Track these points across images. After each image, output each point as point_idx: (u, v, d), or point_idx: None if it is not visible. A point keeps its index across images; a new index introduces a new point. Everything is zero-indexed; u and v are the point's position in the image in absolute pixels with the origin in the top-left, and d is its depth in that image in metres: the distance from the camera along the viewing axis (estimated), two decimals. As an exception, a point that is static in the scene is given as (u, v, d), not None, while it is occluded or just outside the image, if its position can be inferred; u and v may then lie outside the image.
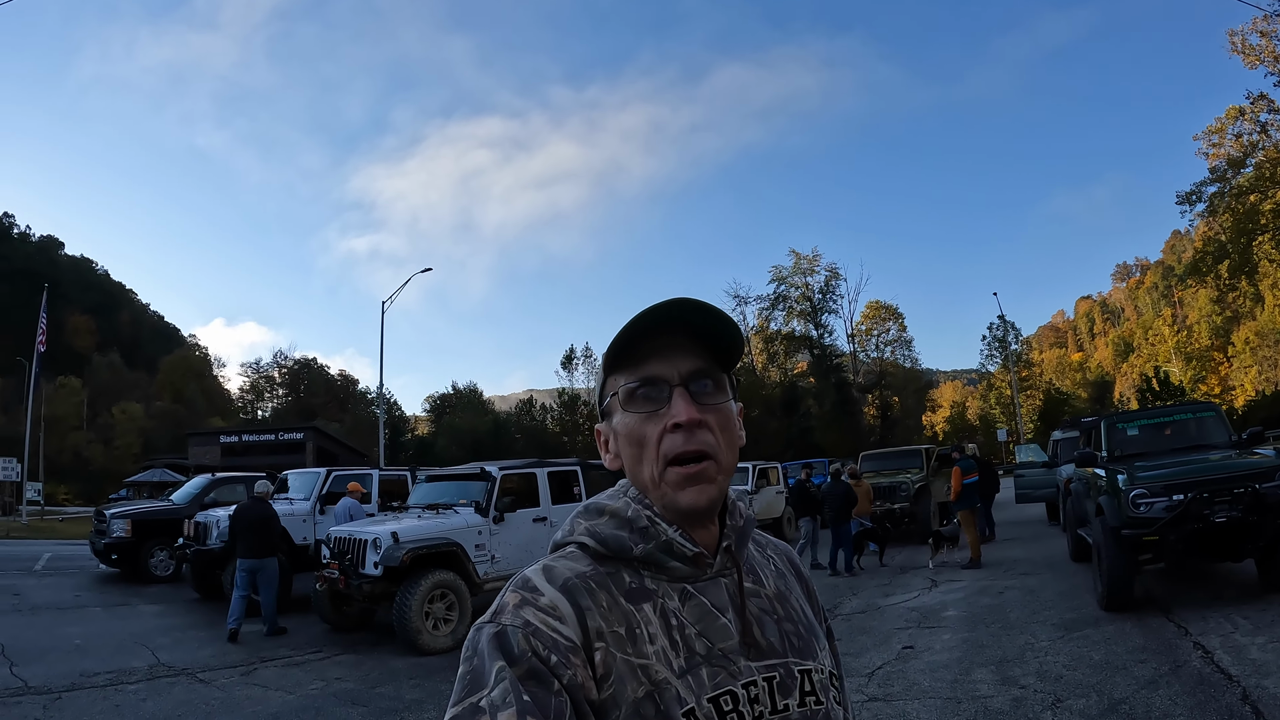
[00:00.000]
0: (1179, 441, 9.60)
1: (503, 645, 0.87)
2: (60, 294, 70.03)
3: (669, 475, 0.98)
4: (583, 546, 1.02)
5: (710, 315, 1.00)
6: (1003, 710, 5.34)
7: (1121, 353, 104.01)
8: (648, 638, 0.93)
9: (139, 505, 17.19)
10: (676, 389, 0.99)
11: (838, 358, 62.01)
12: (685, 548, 0.98)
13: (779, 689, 0.97)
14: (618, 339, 0.98)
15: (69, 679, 7.55)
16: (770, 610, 1.05)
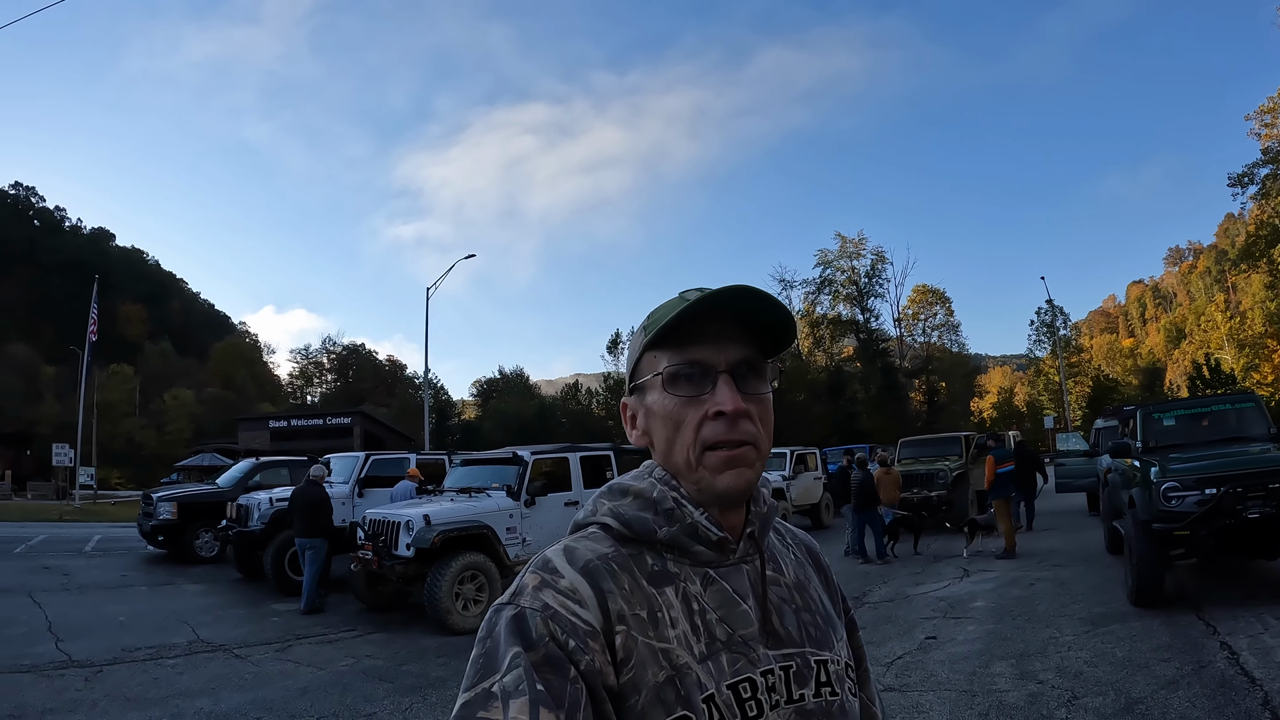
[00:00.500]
0: (1217, 433, 9.43)
1: (520, 629, 0.86)
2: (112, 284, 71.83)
3: (708, 459, 0.97)
4: (605, 527, 1.00)
5: (768, 305, 0.99)
6: (1017, 705, 5.31)
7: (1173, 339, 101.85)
8: (669, 622, 0.92)
9: (185, 488, 17.75)
10: (722, 376, 0.97)
11: (884, 342, 61.48)
12: (710, 531, 0.97)
13: (795, 678, 0.97)
14: (669, 317, 0.97)
15: (111, 654, 7.85)
16: (789, 599, 1.04)
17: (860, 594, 10.14)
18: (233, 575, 13.24)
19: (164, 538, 15.02)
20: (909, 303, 66.16)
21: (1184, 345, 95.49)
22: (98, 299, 33.28)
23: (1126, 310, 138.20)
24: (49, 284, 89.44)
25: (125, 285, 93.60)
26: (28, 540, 18.53)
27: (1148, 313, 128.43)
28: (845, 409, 55.70)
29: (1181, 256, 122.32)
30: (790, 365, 60.80)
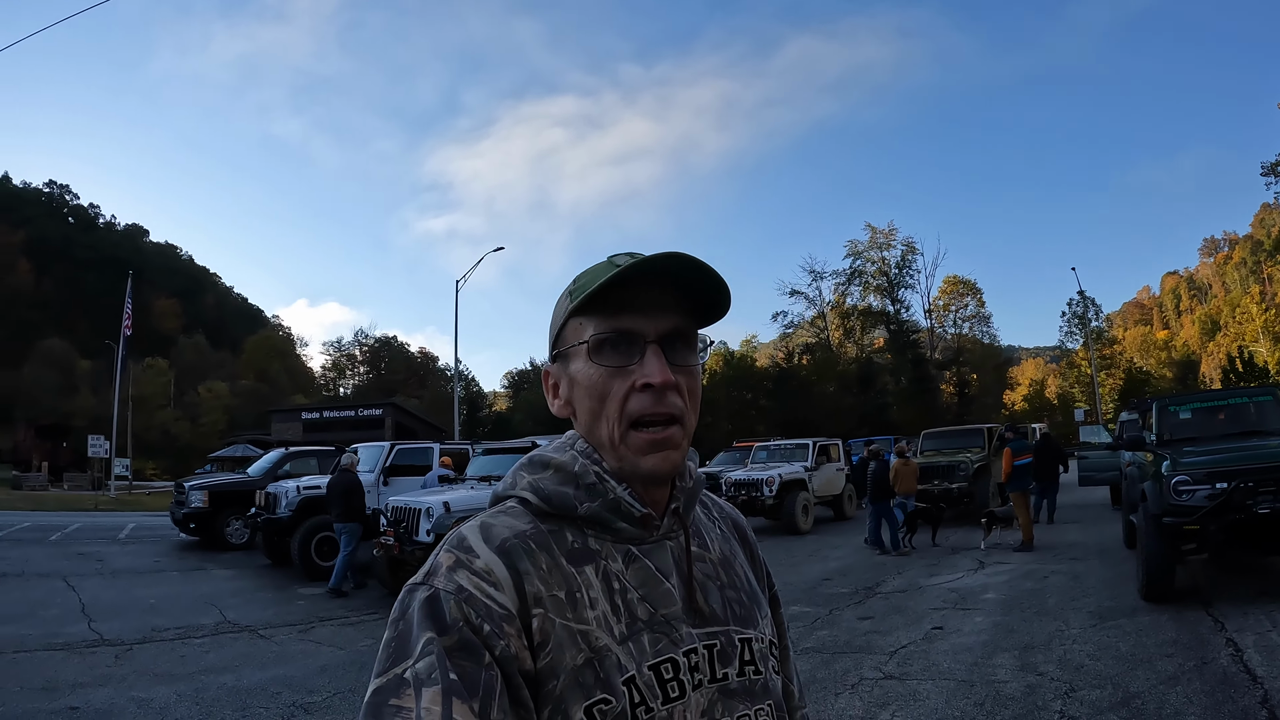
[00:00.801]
0: (1233, 426, 9.33)
1: (433, 612, 0.83)
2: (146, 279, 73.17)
3: (632, 439, 0.93)
4: (525, 502, 0.96)
5: (701, 273, 0.94)
6: (1014, 696, 5.36)
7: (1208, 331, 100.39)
8: (588, 602, 0.89)
9: (216, 478, 18.21)
10: (651, 346, 0.93)
11: (914, 333, 61.12)
12: (633, 508, 0.94)
13: (719, 657, 0.95)
14: (597, 282, 0.91)
15: (141, 633, 8.19)
16: (714, 576, 1.02)
17: (874, 584, 10.23)
18: (261, 561, 13.67)
19: (195, 525, 15.62)
20: (940, 294, 65.75)
21: (1219, 338, 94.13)
22: (132, 294, 34.03)
23: (1161, 302, 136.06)
24: (84, 280, 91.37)
25: (159, 280, 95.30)
26: (63, 528, 19.12)
27: (1182, 304, 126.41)
28: (875, 400, 55.42)
29: (1217, 247, 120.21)
30: (820, 356, 60.85)
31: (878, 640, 7.20)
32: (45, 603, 9.70)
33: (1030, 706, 5.13)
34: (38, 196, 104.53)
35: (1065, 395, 68.74)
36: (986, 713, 5.06)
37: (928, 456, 18.45)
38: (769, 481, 17.26)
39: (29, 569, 12.39)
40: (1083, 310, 61.76)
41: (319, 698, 6.01)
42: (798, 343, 64.16)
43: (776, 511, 17.18)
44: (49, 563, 13.20)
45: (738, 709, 0.95)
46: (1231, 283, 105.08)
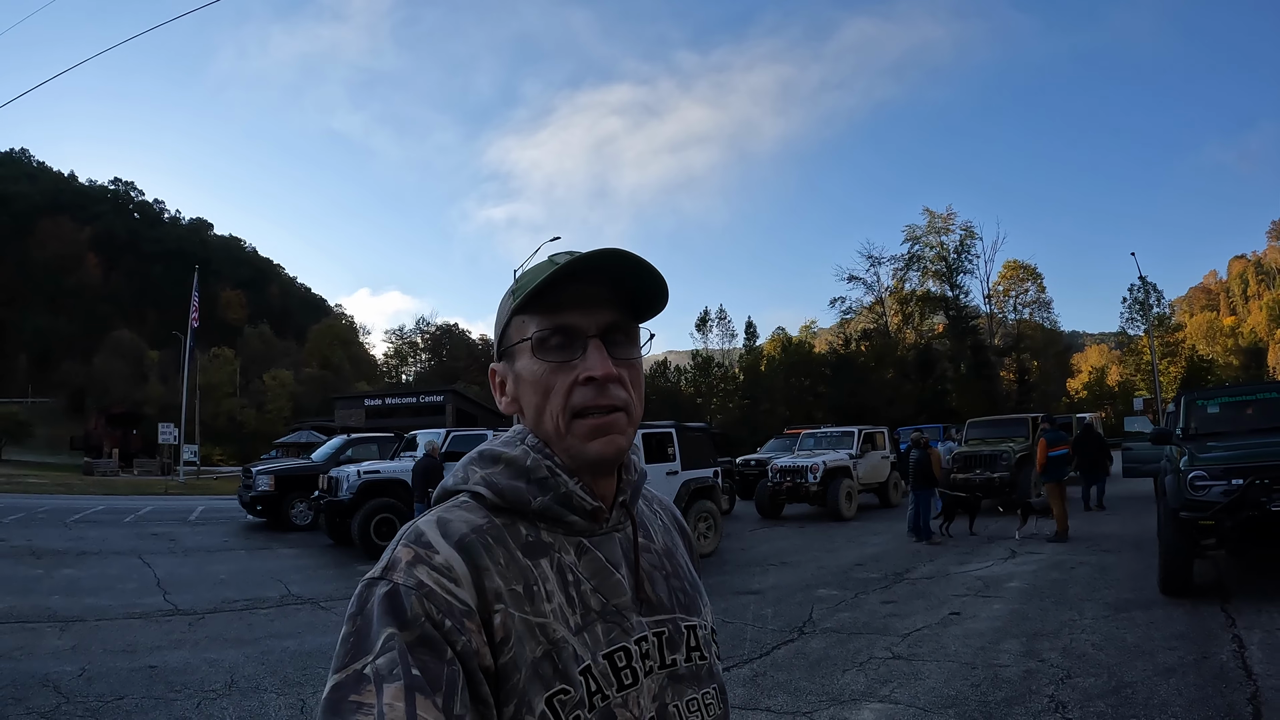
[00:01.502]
0: (1262, 421, 9.21)
1: (394, 607, 0.83)
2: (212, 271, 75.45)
3: (576, 426, 0.95)
4: (478, 496, 0.97)
5: (638, 269, 0.96)
6: (1010, 680, 5.56)
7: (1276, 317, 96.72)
8: (545, 595, 0.91)
9: (281, 463, 19.14)
10: (592, 341, 0.95)
11: (974, 319, 60.48)
12: (585, 501, 0.96)
13: (668, 644, 0.99)
14: (536, 281, 0.94)
15: (212, 604, 8.90)
16: (659, 566, 1.05)
17: (904, 570, 10.51)
18: (324, 541, 14.44)
19: (262, 507, 16.52)
20: (999, 279, 64.90)
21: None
22: (198, 287, 35.31)
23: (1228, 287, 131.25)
24: (151, 273, 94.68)
25: (225, 272, 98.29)
26: (136, 511, 20.22)
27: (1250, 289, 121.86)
28: (934, 387, 55.11)
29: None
30: (878, 342, 60.51)
31: (895, 623, 7.49)
32: (123, 577, 10.45)
33: (1023, 690, 5.34)
34: (104, 193, 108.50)
35: (1127, 383, 67.28)
36: (981, 693, 5.30)
37: (971, 445, 18.61)
38: (813, 469, 17.58)
39: (106, 548, 13.23)
40: (1144, 296, 60.35)
41: (371, 660, 6.60)
42: (856, 329, 63.87)
43: (821, 498, 17.49)
44: (125, 542, 14.07)
45: (686, 693, 0.99)
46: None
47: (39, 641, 7.08)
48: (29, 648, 6.85)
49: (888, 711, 5.08)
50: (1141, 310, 60.95)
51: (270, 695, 5.62)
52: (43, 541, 13.69)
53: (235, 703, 5.43)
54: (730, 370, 69.54)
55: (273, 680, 5.99)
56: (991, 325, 62.81)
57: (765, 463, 19.29)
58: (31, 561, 11.53)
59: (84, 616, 8.07)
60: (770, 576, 10.54)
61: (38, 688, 5.66)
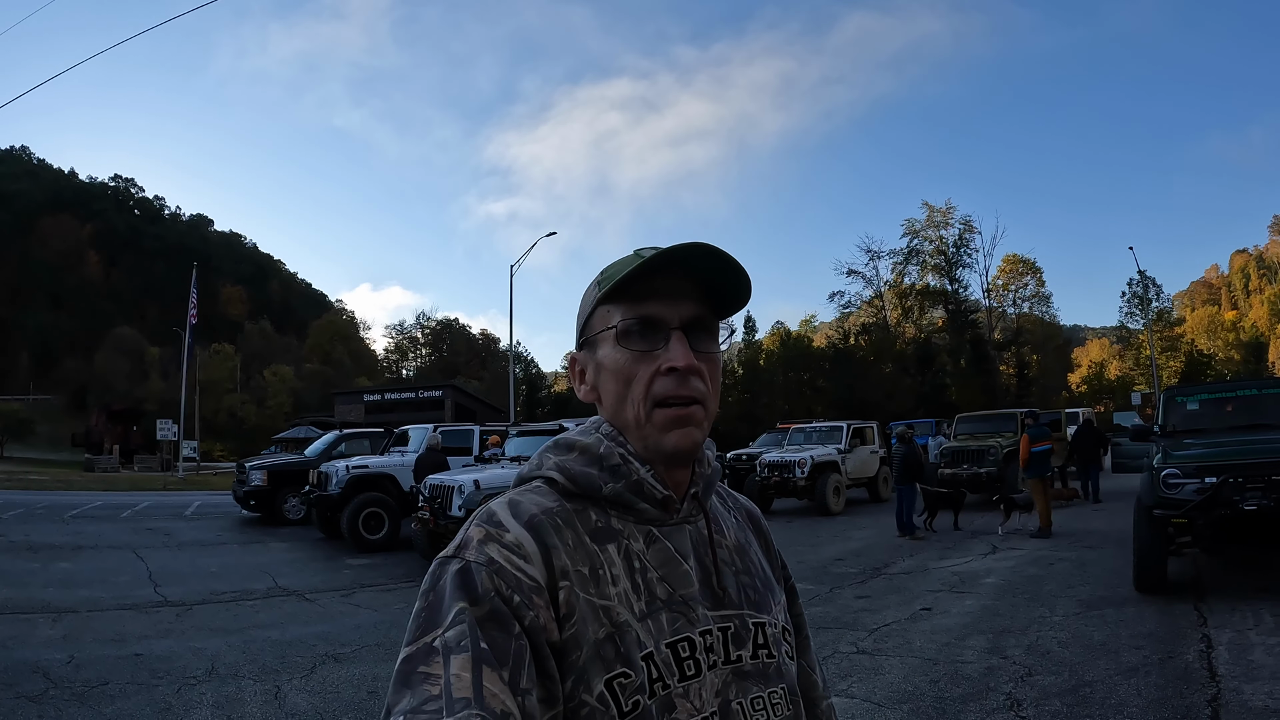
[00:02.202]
0: (1241, 419, 9.16)
1: (465, 582, 0.85)
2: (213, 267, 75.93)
3: (656, 416, 0.96)
4: (551, 481, 1.00)
5: (724, 265, 0.98)
6: (970, 676, 5.62)
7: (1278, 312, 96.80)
8: (610, 579, 0.92)
9: (274, 458, 19.38)
10: (675, 332, 0.97)
11: (973, 313, 60.30)
12: (655, 489, 0.97)
13: (733, 639, 0.99)
14: (625, 271, 0.96)
15: (200, 596, 9.17)
16: (730, 561, 1.05)
17: (883, 565, 10.63)
18: (315, 535, 14.65)
19: (255, 502, 16.73)
20: (999, 273, 64.75)
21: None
22: (197, 283, 35.50)
23: (1230, 281, 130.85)
24: (152, 269, 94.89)
25: (225, 268, 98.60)
26: (133, 506, 20.46)
27: (1251, 284, 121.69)
28: (933, 381, 55.03)
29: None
30: (878, 337, 60.54)
31: (866, 618, 7.58)
32: (117, 571, 10.71)
33: (982, 687, 5.38)
34: (104, 190, 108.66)
35: (1126, 378, 67.33)
36: (938, 690, 5.37)
37: (960, 440, 18.76)
38: (801, 463, 17.72)
39: (102, 542, 13.50)
40: (1143, 291, 60.36)
41: (349, 649, 6.84)
42: (855, 323, 63.86)
43: (809, 492, 17.65)
44: (120, 537, 14.32)
45: (752, 690, 0.98)
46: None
47: (32, 631, 7.34)
48: (22, 637, 7.10)
49: (842, 705, 5.14)
50: (1140, 305, 60.93)
51: (247, 682, 5.87)
52: (40, 536, 13.93)
53: (214, 689, 5.69)
54: (729, 365, 69.73)
55: (251, 668, 6.23)
56: (991, 319, 62.65)
57: (756, 457, 19.44)
58: (28, 556, 11.77)
59: (76, 608, 8.35)
60: (750, 571, 10.62)
61: (28, 674, 5.91)
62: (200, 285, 36.61)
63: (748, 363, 66.98)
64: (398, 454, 14.73)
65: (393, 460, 14.44)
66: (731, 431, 48.80)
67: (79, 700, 5.38)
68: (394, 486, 13.73)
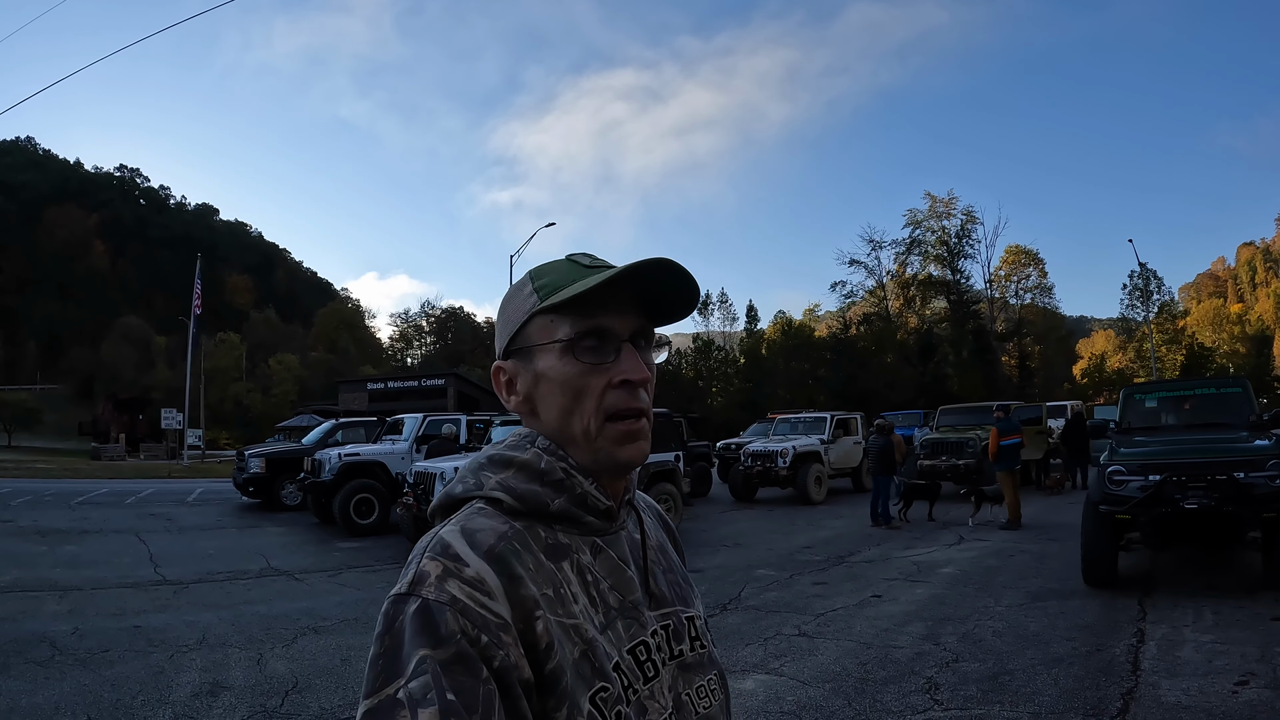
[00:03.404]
0: (1196, 417, 9.45)
1: (426, 624, 0.80)
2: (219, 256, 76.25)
3: (609, 430, 0.95)
4: (495, 502, 0.96)
5: (679, 280, 0.97)
6: (899, 661, 5.85)
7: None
8: (572, 597, 0.91)
9: (272, 446, 19.95)
10: (626, 345, 0.96)
11: (975, 304, 60.55)
12: (599, 500, 0.97)
13: (673, 635, 1.01)
14: (585, 285, 0.93)
15: (197, 576, 9.75)
16: (658, 561, 1.07)
17: (848, 553, 10.97)
18: (311, 520, 15.19)
19: (254, 489, 17.34)
20: (1001, 263, 64.89)
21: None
22: (201, 273, 35.93)
23: (1236, 274, 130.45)
24: (159, 258, 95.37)
25: (231, 257, 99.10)
26: (138, 493, 21.11)
27: (1258, 277, 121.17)
28: (935, 372, 55.28)
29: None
30: (880, 327, 60.72)
31: (816, 603, 7.91)
32: (120, 553, 11.33)
33: (906, 670, 5.62)
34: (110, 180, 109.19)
35: (1127, 370, 67.43)
36: (864, 671, 5.65)
37: (941, 432, 19.12)
38: (783, 453, 18.12)
39: (107, 527, 14.15)
40: (1144, 283, 60.40)
41: (329, 623, 7.40)
42: (857, 313, 64.02)
43: (791, 482, 18.01)
44: (124, 521, 14.95)
45: (695, 681, 1.02)
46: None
47: (39, 607, 7.95)
48: (30, 612, 7.73)
49: (769, 683, 5.50)
50: (1142, 297, 60.98)
51: (234, 650, 6.44)
52: (48, 522, 14.60)
53: (203, 655, 6.28)
54: (731, 353, 69.98)
55: (239, 638, 6.80)
56: (993, 310, 62.80)
57: (743, 446, 19.89)
58: (36, 539, 12.41)
59: (81, 586, 8.97)
60: (719, 557, 11.06)
61: (36, 643, 6.52)
62: (206, 275, 37.09)
63: (749, 352, 67.25)
64: (389, 442, 15.30)
65: (383, 448, 15.01)
66: (733, 420, 49.18)
67: (81, 665, 5.97)
68: (384, 473, 14.29)
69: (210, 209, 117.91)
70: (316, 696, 5.32)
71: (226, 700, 5.21)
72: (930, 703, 5.01)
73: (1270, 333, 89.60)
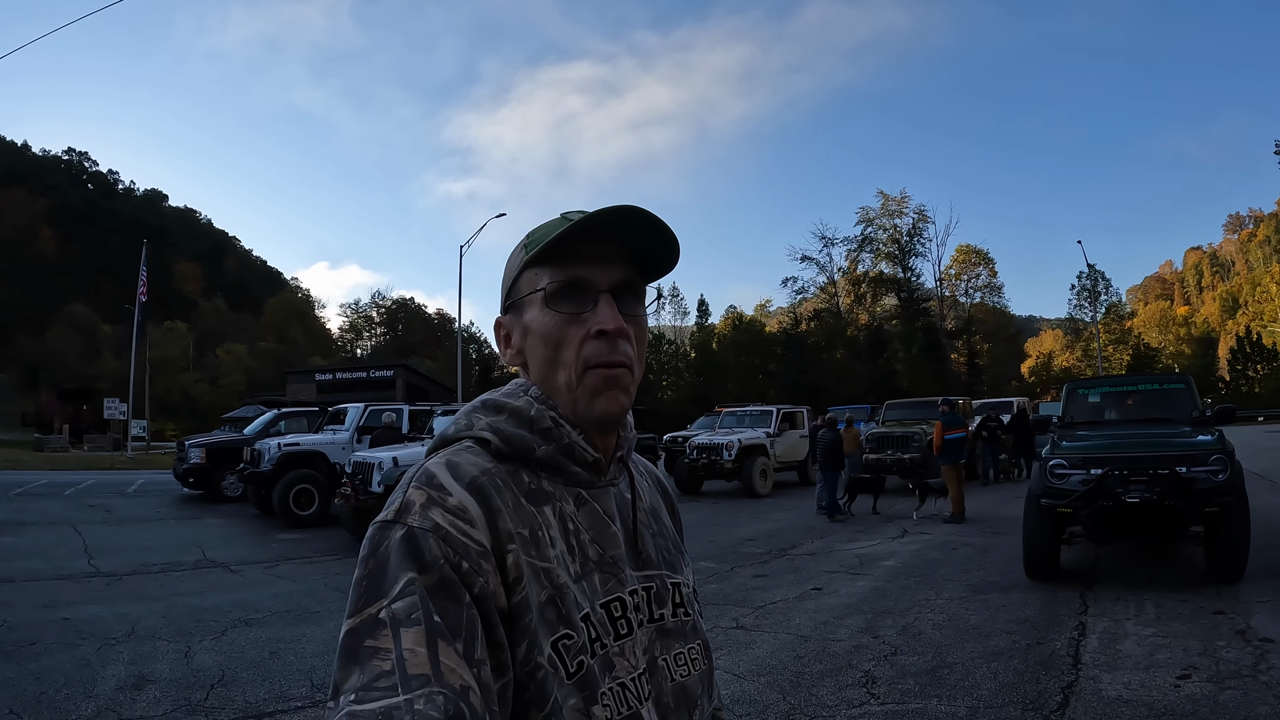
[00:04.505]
0: (1139, 412, 9.50)
1: (412, 550, 0.81)
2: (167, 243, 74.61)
3: (588, 379, 0.95)
4: (483, 442, 0.97)
5: (653, 228, 0.97)
6: (836, 654, 5.79)
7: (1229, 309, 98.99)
8: (549, 541, 0.91)
9: (214, 436, 19.59)
10: (604, 295, 0.96)
11: (925, 301, 61.64)
12: (586, 452, 0.97)
13: (655, 598, 1.01)
14: (553, 234, 0.94)
15: (131, 568, 9.59)
16: (647, 524, 1.07)
17: (791, 546, 10.97)
18: (251, 512, 14.90)
19: (194, 479, 17.04)
20: (951, 262, 66.15)
21: (1239, 316, 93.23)
22: (147, 260, 35.11)
23: (1183, 277, 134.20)
24: (106, 245, 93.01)
25: (180, 244, 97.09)
26: (77, 484, 20.65)
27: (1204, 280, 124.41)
28: (885, 368, 55.94)
29: (1241, 224, 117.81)
30: (830, 323, 61.31)
31: (756, 596, 7.87)
32: (55, 545, 11.12)
33: (843, 664, 5.56)
34: (57, 164, 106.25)
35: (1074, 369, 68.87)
36: (801, 665, 5.59)
37: (888, 426, 19.28)
38: (728, 446, 18.19)
39: (44, 518, 13.87)
40: (1091, 284, 61.73)
41: (260, 615, 7.27)
42: (808, 309, 64.65)
43: (736, 474, 18.08)
44: (62, 513, 14.67)
45: (674, 647, 1.01)
46: (1255, 260, 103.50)
47: (-31, 599, 7.73)
48: (-42, 605, 7.50)
49: None
50: (1090, 298, 62.29)
51: (162, 642, 6.31)
52: (-16, 513, 14.14)
53: (131, 647, 6.13)
54: (682, 347, 70.21)
55: (168, 630, 6.66)
56: (943, 308, 63.83)
57: (683, 439, 19.96)
58: (-29, 532, 12.05)
59: (14, 578, 8.81)
60: (660, 549, 11.02)
61: None
62: (154, 261, 36.33)
63: (700, 346, 67.60)
64: (330, 432, 15.13)
65: (324, 438, 14.85)
66: (684, 414, 49.35)
67: (7, 658, 5.82)
68: (324, 463, 14.10)
69: (160, 194, 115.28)
70: (242, 689, 5.19)
71: (151, 693, 5.08)
72: (867, 696, 4.96)
73: (1215, 335, 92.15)
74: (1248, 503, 7.35)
